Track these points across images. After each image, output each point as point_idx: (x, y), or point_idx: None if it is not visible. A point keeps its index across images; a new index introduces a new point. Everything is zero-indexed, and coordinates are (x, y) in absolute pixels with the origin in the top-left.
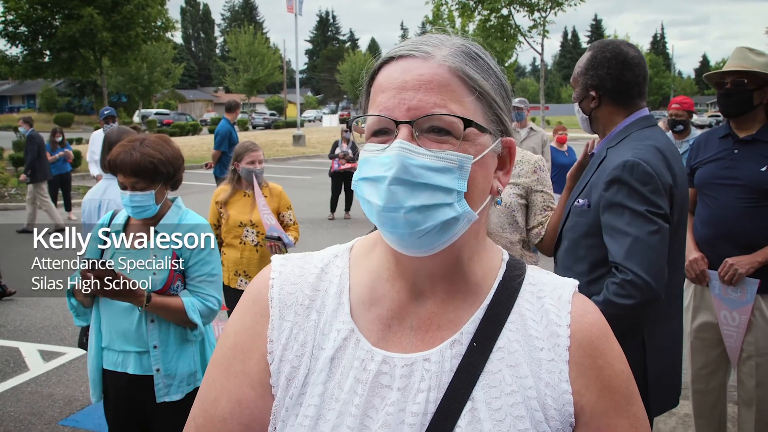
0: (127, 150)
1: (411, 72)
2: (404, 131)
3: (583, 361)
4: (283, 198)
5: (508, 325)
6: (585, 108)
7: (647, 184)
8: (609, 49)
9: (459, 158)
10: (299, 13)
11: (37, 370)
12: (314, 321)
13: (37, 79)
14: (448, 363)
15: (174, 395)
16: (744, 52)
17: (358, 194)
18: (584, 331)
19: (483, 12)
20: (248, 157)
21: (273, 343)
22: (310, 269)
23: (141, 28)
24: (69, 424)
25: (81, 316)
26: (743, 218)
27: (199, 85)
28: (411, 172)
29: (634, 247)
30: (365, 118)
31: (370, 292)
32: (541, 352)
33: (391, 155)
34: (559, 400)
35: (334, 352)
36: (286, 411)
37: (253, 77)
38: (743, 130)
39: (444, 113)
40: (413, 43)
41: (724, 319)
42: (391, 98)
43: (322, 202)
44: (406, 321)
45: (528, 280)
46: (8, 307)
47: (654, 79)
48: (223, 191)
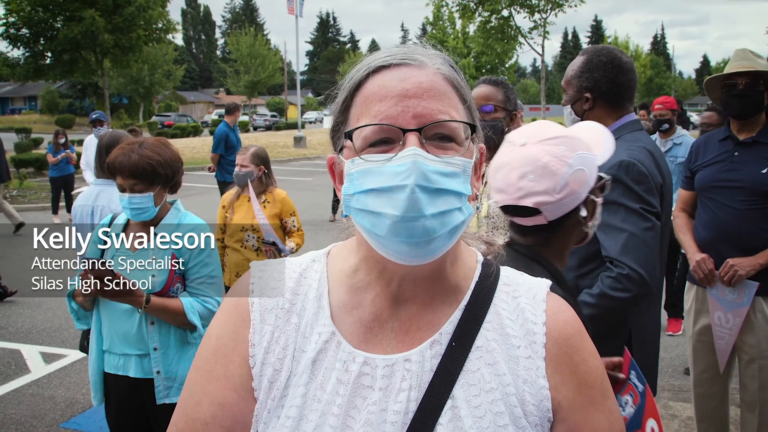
0: (126, 152)
1: (410, 80)
2: (413, 139)
3: (559, 358)
4: (287, 204)
5: (485, 325)
6: (578, 110)
7: (641, 183)
8: (604, 53)
9: (463, 163)
10: (300, 15)
11: (39, 373)
12: (295, 324)
13: (39, 80)
14: (428, 363)
15: (174, 397)
16: (748, 54)
17: (352, 206)
18: (559, 329)
19: (484, 13)
20: (237, 160)
21: (255, 347)
22: (288, 274)
23: (142, 30)
24: (70, 426)
25: (82, 319)
26: (744, 221)
27: (200, 87)
28: (429, 178)
29: (630, 242)
30: (352, 130)
31: (350, 296)
32: (518, 349)
33: (406, 163)
34: (537, 396)
35: (315, 355)
36: (268, 413)
37: (254, 79)
38: (744, 132)
39: (451, 120)
40: (401, 52)
41: (718, 320)
42: (393, 106)
43: (322, 203)
44: (386, 324)
45: (503, 281)
46: (10, 309)
47: (654, 80)
48: (229, 195)
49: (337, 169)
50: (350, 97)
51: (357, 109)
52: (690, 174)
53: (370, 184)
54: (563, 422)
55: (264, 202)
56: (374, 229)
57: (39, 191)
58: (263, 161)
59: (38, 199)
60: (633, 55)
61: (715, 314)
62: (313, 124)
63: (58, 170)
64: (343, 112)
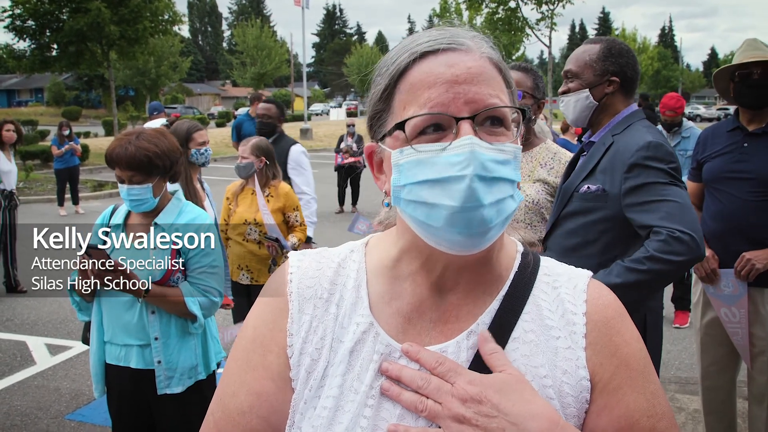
0: (123, 144)
1: (459, 65)
2: (467, 126)
3: (598, 341)
4: (290, 198)
5: (524, 316)
6: (598, 94)
7: (671, 163)
8: (619, 42)
9: (514, 149)
10: (306, 7)
11: (44, 364)
12: (333, 314)
13: (45, 72)
14: (464, 354)
15: (175, 388)
16: (759, 44)
17: (403, 198)
18: (599, 313)
19: (491, 5)
20: (239, 151)
21: (293, 337)
22: (327, 263)
23: (148, 22)
24: (75, 418)
25: (84, 311)
26: (754, 212)
27: (207, 79)
28: (486, 167)
29: (674, 209)
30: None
31: (390, 287)
32: (558, 340)
33: (464, 152)
34: (576, 387)
35: (353, 345)
36: (305, 404)
37: (261, 71)
38: (754, 123)
39: (503, 105)
40: (449, 36)
41: (725, 317)
42: (443, 93)
43: (328, 195)
44: (426, 314)
45: (543, 271)
46: (15, 300)
47: (662, 72)
48: (234, 186)
49: (377, 158)
50: (393, 84)
51: (402, 96)
52: (697, 166)
53: (425, 175)
54: (596, 401)
55: (267, 195)
56: (429, 220)
57: (45, 183)
58: (265, 153)
59: (44, 191)
60: (640, 48)
61: (721, 311)
62: (320, 116)
63: (63, 162)
64: (384, 100)
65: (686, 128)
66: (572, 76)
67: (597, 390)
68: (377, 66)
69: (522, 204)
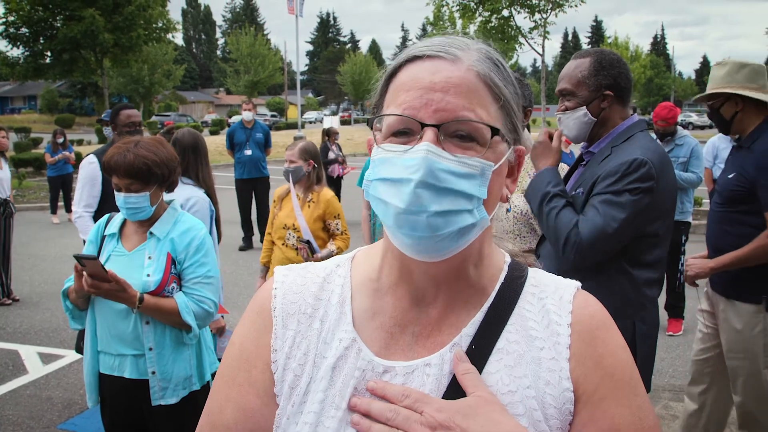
0: (122, 152)
1: (439, 73)
2: (430, 134)
3: (582, 351)
4: (331, 205)
5: (509, 327)
6: (595, 109)
7: (645, 181)
8: (608, 52)
9: (482, 165)
10: (300, 15)
11: (36, 373)
12: (317, 330)
13: (38, 80)
14: (447, 366)
15: (169, 399)
16: (713, 71)
17: (370, 193)
18: (584, 323)
19: (484, 13)
20: (286, 155)
21: (277, 352)
22: (312, 278)
23: (142, 30)
24: (68, 428)
25: (77, 319)
26: (714, 223)
27: (200, 87)
28: (437, 176)
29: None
30: (375, 117)
31: (373, 301)
32: (542, 351)
33: (417, 158)
34: (560, 399)
35: (335, 361)
36: (288, 419)
37: (254, 78)
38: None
39: (473, 120)
40: (439, 44)
41: None
42: (417, 98)
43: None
44: (408, 328)
45: (530, 282)
46: (8, 309)
47: (655, 80)
48: (281, 190)
49: None
50: (385, 84)
51: (389, 96)
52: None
53: (385, 173)
54: (581, 413)
55: (309, 201)
56: (384, 217)
57: (38, 191)
58: (312, 156)
59: (37, 199)
60: (633, 56)
61: None
62: (313, 124)
63: (56, 170)
64: (380, 96)
65: (680, 136)
66: (568, 94)
67: (581, 402)
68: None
69: (511, 215)
